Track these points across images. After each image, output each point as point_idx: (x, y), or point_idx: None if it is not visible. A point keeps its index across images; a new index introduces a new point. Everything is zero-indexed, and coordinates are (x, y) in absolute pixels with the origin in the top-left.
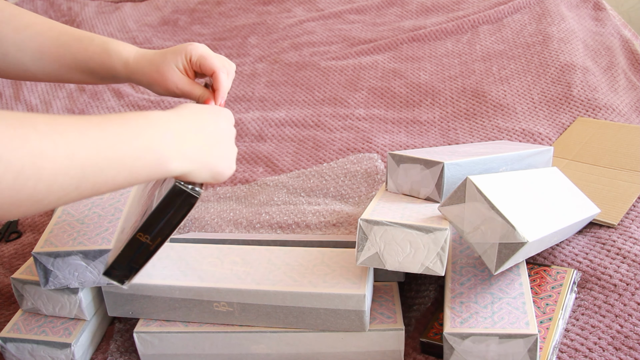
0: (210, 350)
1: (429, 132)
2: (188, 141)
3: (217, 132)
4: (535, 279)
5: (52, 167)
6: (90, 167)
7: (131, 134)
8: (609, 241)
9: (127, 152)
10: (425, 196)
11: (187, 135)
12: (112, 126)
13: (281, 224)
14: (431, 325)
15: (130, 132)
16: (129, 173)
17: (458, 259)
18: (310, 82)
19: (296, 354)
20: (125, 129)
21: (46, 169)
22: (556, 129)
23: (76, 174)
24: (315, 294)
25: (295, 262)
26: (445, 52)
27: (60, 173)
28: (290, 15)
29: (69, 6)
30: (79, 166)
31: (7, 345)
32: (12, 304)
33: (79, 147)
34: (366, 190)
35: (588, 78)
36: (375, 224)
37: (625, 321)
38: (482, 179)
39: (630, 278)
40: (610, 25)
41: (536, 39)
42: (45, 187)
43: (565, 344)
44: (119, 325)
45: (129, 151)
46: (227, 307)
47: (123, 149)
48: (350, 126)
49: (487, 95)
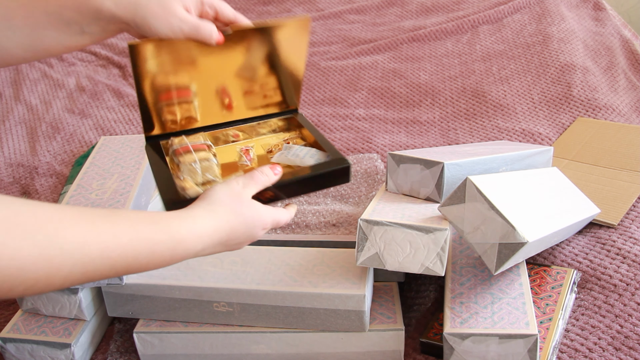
0: (210, 351)
1: (429, 132)
2: (215, 250)
3: (246, 242)
4: (535, 279)
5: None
6: (119, 262)
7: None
8: (609, 241)
9: (154, 253)
10: (425, 196)
11: (216, 249)
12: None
13: None
14: (431, 326)
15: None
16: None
17: (458, 259)
18: (310, 82)
19: (296, 354)
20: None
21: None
22: (556, 129)
23: (105, 268)
24: (315, 294)
25: (295, 262)
26: (445, 52)
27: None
28: (290, 15)
29: None
30: (110, 263)
31: (7, 346)
32: (12, 304)
33: (112, 245)
34: (366, 190)
35: (588, 78)
36: (375, 224)
37: (625, 321)
38: (482, 179)
39: (630, 278)
40: (610, 25)
41: (536, 39)
42: (80, 273)
43: (565, 344)
44: (118, 326)
45: (156, 252)
46: (227, 307)
47: (151, 251)
48: (350, 126)
49: (487, 95)
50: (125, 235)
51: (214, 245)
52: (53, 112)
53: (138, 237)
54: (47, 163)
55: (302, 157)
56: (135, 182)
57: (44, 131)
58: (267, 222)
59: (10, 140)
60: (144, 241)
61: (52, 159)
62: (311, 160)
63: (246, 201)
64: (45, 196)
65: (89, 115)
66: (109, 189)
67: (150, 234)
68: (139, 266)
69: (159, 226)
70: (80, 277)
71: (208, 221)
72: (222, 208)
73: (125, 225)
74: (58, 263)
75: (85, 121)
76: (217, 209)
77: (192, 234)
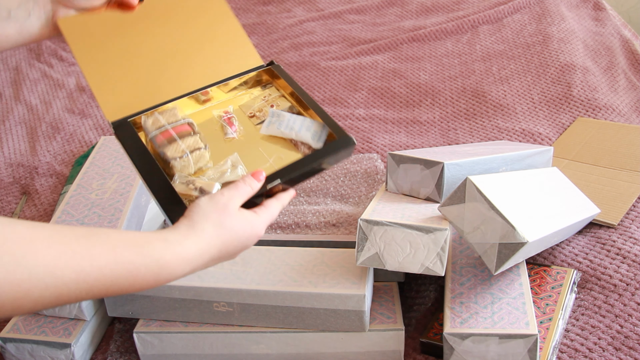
0: (210, 351)
1: (429, 132)
2: (207, 266)
3: (241, 251)
4: (535, 279)
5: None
6: (97, 286)
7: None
8: (609, 241)
9: (136, 278)
10: (425, 196)
11: (208, 265)
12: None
13: (281, 224)
14: (431, 326)
15: (144, 261)
16: (132, 286)
17: (458, 259)
18: (310, 82)
19: (296, 354)
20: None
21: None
22: (556, 129)
23: (83, 288)
24: (315, 294)
25: (295, 262)
26: (445, 52)
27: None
28: (290, 15)
29: None
30: (86, 287)
31: (7, 346)
32: None
33: (89, 269)
34: (366, 190)
35: (588, 78)
36: (375, 224)
37: (625, 321)
38: (482, 179)
39: (630, 278)
40: (610, 25)
41: (536, 39)
42: (51, 295)
43: (565, 344)
44: (118, 326)
45: (138, 276)
46: (226, 307)
47: (132, 277)
48: (350, 126)
49: (487, 95)
50: (103, 259)
51: (204, 263)
52: (53, 112)
53: (117, 260)
54: (47, 163)
55: (297, 131)
56: (135, 182)
57: (44, 131)
58: (260, 228)
59: (10, 140)
60: (124, 265)
61: (52, 159)
62: (308, 134)
63: (234, 213)
64: (46, 196)
65: (89, 115)
66: (109, 189)
67: (131, 257)
68: (119, 289)
69: (141, 249)
70: (54, 300)
71: (195, 243)
72: (209, 225)
73: (103, 247)
74: (26, 288)
75: (85, 121)
76: (205, 228)
77: (178, 257)
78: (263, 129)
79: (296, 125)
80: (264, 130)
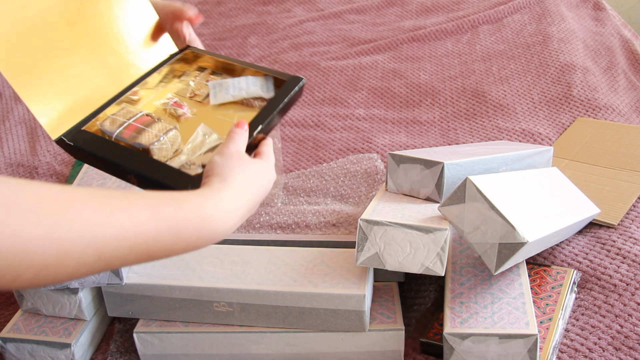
0: (210, 351)
1: (429, 132)
2: (235, 214)
3: (262, 198)
4: (535, 279)
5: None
6: (138, 243)
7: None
8: (609, 241)
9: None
10: (425, 196)
11: (244, 219)
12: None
13: (281, 224)
14: (431, 325)
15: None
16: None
17: (458, 259)
18: (310, 82)
19: (296, 354)
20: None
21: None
22: (556, 129)
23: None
24: (315, 294)
25: (295, 262)
26: (445, 52)
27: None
28: (290, 15)
29: None
30: (128, 245)
31: (7, 346)
32: (12, 304)
33: (128, 225)
34: (366, 190)
35: (588, 78)
36: (375, 224)
37: (625, 321)
38: (482, 179)
39: (630, 278)
40: (610, 25)
41: (536, 39)
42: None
43: (565, 344)
44: (118, 326)
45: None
46: (227, 307)
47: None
48: (350, 126)
49: (487, 95)
50: (143, 215)
51: (242, 216)
52: None
53: (157, 216)
54: (47, 163)
55: (246, 89)
56: None
57: (44, 131)
58: (271, 170)
59: (10, 140)
60: (165, 220)
61: (52, 159)
62: (257, 88)
63: (249, 160)
64: None
65: None
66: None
67: (171, 211)
68: (163, 249)
69: (181, 204)
70: (97, 261)
71: (232, 194)
72: (239, 175)
73: (141, 203)
74: (67, 245)
75: None
76: (237, 178)
77: (218, 210)
78: (212, 100)
79: (243, 85)
80: (213, 101)
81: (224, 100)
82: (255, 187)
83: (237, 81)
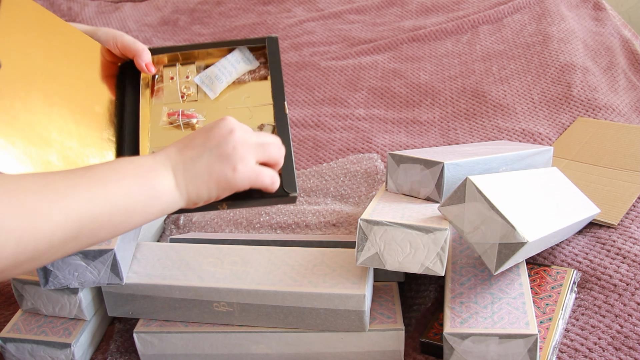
0: (210, 351)
1: (429, 132)
2: (187, 173)
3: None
4: (535, 279)
5: (49, 225)
6: (86, 217)
7: (124, 182)
8: (609, 241)
9: (121, 198)
10: (425, 196)
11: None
12: (101, 175)
13: (281, 224)
14: (431, 325)
15: (123, 181)
16: (126, 216)
17: (458, 259)
18: (310, 82)
19: (296, 354)
20: (117, 177)
21: (44, 228)
22: (556, 129)
23: (74, 226)
24: (315, 294)
25: (295, 262)
26: (445, 52)
27: (57, 227)
28: (290, 15)
29: (69, 6)
30: (76, 218)
31: (7, 346)
32: (12, 304)
33: (71, 200)
34: (366, 190)
35: (588, 78)
36: (375, 224)
37: (625, 321)
38: (482, 179)
39: (630, 278)
40: (610, 25)
41: (536, 39)
42: (46, 244)
43: (565, 344)
44: (118, 326)
45: (123, 197)
46: (227, 307)
47: (117, 197)
48: (350, 126)
49: (487, 95)
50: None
51: (167, 155)
52: None
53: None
54: None
55: (235, 69)
56: None
57: None
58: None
59: None
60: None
61: None
62: (242, 63)
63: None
64: None
65: None
66: None
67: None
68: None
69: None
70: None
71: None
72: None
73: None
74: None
75: None
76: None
77: (149, 158)
78: (212, 95)
79: (228, 67)
80: (212, 95)
81: (222, 89)
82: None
83: (222, 66)
